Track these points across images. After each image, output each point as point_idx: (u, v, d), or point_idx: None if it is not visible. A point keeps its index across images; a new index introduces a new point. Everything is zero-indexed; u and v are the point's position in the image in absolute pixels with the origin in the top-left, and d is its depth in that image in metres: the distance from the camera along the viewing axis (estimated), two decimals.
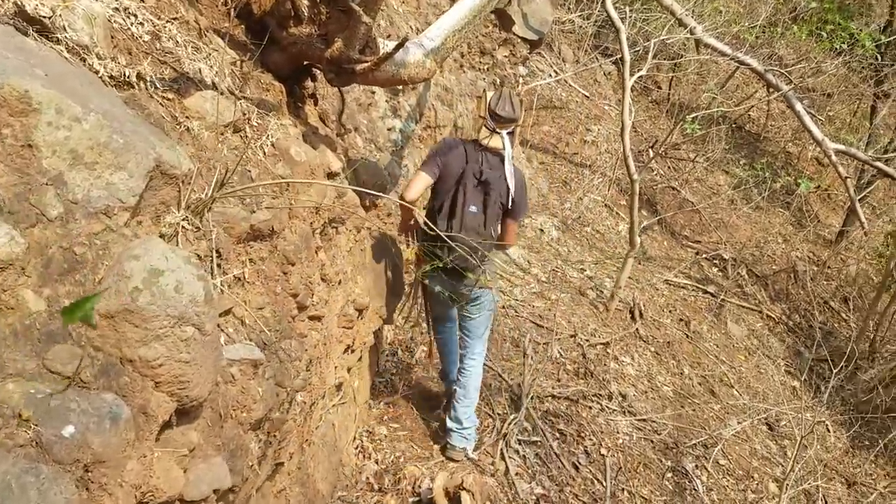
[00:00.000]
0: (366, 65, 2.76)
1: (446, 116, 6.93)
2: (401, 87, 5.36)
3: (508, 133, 3.68)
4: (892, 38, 8.70)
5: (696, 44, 7.56)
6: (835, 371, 4.93)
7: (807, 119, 7.24)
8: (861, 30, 9.48)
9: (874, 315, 7.49)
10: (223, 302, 2.05)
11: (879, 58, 9.37)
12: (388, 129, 5.26)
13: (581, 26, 10.18)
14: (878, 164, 7.19)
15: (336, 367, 3.25)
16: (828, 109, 11.12)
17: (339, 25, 2.76)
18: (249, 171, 2.30)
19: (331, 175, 2.96)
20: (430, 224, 3.13)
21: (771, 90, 7.59)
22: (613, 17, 5.58)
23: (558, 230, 7.57)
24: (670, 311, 7.22)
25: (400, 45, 2.63)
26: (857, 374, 7.53)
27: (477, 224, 3.63)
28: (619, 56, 10.23)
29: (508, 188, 3.64)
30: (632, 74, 5.77)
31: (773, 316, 8.09)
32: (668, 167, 9.67)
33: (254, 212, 2.23)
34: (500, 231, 3.83)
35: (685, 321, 7.15)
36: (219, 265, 2.07)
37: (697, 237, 8.85)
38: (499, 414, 4.58)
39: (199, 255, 1.97)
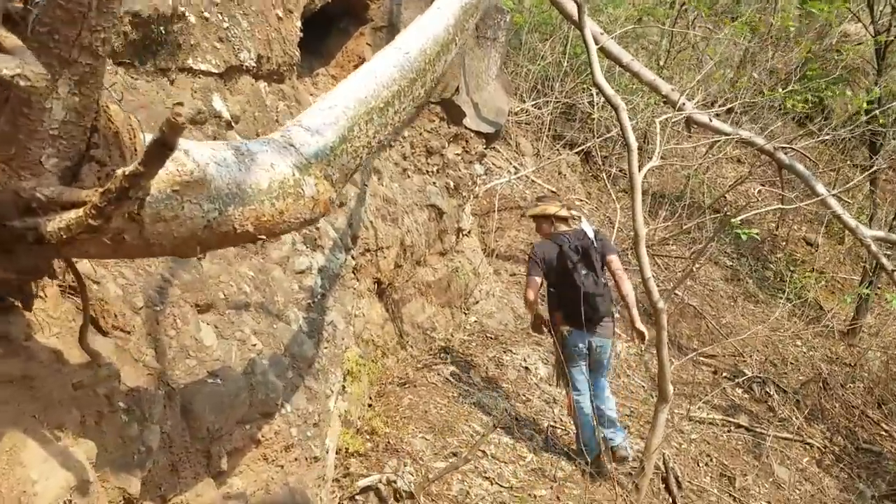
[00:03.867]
0: (73, 217, 0.85)
1: (391, 234, 5.09)
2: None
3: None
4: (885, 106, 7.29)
5: (688, 123, 5.96)
6: None
7: (834, 203, 5.62)
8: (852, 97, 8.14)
9: None
10: None
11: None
12: (300, 273, 3.36)
13: (537, 116, 8.64)
14: None
15: None
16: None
17: None
18: None
19: None
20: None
21: (783, 171, 5.98)
22: (608, 93, 3.88)
23: (547, 364, 5.66)
24: (706, 465, 5.26)
25: (166, 143, 0.75)
26: None
27: (593, 282, 4.28)
28: (587, 146, 8.70)
29: (591, 240, 4.34)
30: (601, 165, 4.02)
31: (817, 444, 6.20)
32: (659, 266, 7.95)
33: None
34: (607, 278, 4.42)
35: (728, 477, 5.19)
36: None
37: (709, 349, 7.02)
38: None
39: None
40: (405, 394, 4.69)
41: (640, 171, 3.79)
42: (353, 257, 4.49)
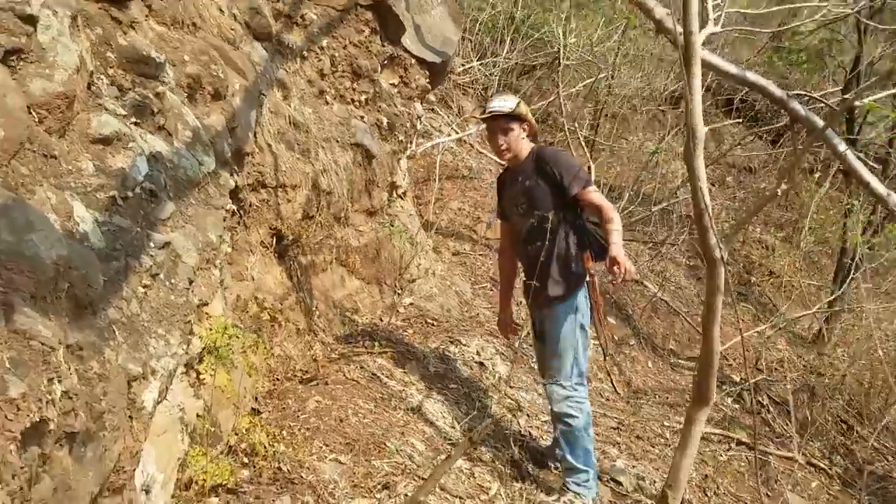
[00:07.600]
0: None
1: (299, 169, 3.49)
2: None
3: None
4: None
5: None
6: None
7: (859, 167, 4.43)
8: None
9: None
10: None
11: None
12: (98, 142, 1.70)
13: (486, 76, 7.23)
14: None
15: None
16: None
17: None
18: None
19: None
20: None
21: (799, 129, 4.78)
22: None
23: (505, 361, 4.15)
24: (715, 494, 3.88)
25: None
26: None
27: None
28: (548, 101, 7.33)
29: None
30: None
31: (822, 466, 4.96)
32: (636, 252, 6.65)
33: None
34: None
35: None
36: None
37: (686, 351, 5.72)
38: None
39: None
40: (311, 394, 3.08)
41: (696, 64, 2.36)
42: (235, 182, 2.85)
